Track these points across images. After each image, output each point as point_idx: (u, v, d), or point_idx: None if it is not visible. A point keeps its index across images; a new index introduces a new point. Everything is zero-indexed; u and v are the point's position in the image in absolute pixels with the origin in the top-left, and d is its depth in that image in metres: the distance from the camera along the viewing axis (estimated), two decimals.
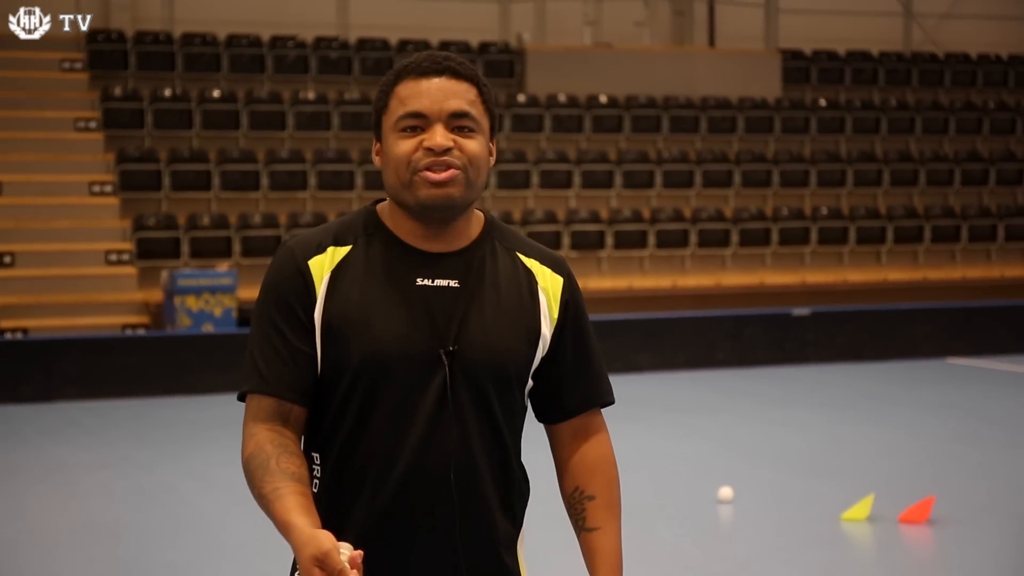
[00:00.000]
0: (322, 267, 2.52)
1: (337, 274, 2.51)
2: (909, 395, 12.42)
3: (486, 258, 2.57)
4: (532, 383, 2.62)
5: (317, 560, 2.22)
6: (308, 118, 16.95)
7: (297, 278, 2.51)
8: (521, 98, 17.96)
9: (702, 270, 17.19)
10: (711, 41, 20.61)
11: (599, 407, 2.68)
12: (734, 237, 17.27)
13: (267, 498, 2.39)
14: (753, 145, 18.81)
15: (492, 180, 16.78)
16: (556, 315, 2.60)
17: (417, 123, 2.48)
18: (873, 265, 18.06)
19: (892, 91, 20.48)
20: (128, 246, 14.92)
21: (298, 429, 2.52)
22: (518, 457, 2.61)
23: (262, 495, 2.41)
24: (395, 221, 2.55)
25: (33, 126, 16.06)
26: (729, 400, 12.21)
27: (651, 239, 16.92)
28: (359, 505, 2.49)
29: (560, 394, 2.64)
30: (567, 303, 2.62)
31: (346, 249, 2.54)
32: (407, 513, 2.48)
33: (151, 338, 13.06)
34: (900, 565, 7.04)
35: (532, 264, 2.62)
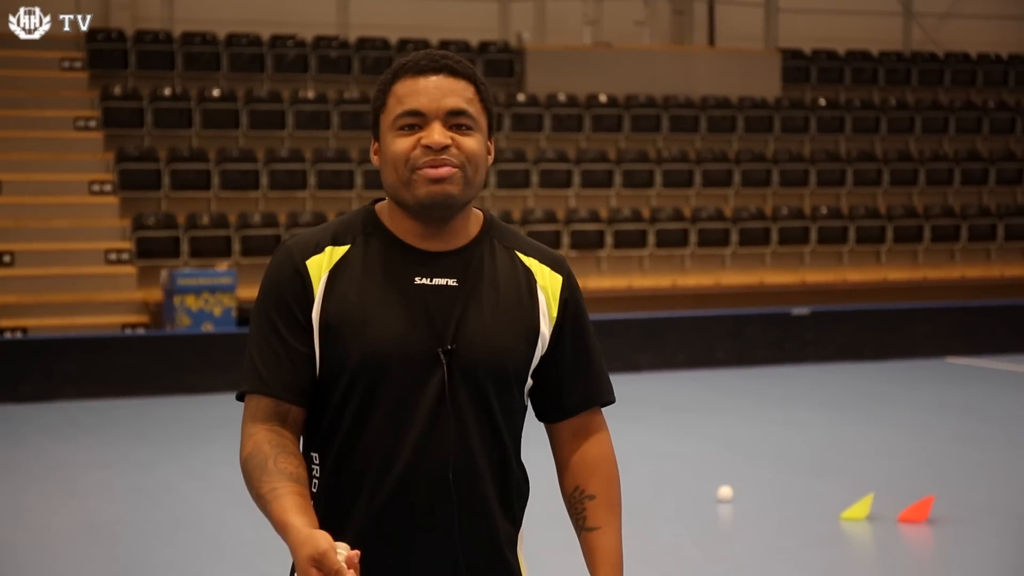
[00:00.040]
0: (320, 267, 2.51)
1: (335, 274, 2.51)
2: (909, 395, 12.42)
3: (485, 257, 2.56)
4: (532, 382, 2.61)
5: (314, 560, 2.23)
6: (308, 117, 16.94)
7: (295, 278, 2.51)
8: (521, 97, 17.95)
9: (702, 269, 17.18)
10: (711, 40, 20.61)
11: (599, 406, 2.67)
12: (734, 236, 17.26)
13: (265, 498, 2.40)
14: (753, 144, 18.81)
15: (492, 179, 16.78)
16: (555, 314, 2.59)
17: (415, 121, 2.48)
18: (873, 265, 18.06)
19: (892, 90, 20.47)
20: (128, 245, 14.91)
21: (296, 429, 2.53)
22: (518, 457, 2.60)
23: (260, 495, 2.41)
24: (394, 220, 2.55)
25: (33, 125, 16.05)
26: (729, 399, 12.20)
27: (651, 238, 16.92)
28: (358, 505, 2.49)
29: (560, 393, 2.63)
30: (566, 301, 2.61)
31: (344, 249, 2.53)
32: (406, 512, 2.48)
33: (150, 337, 13.05)
34: (899, 564, 7.04)
35: (531, 263, 2.61)
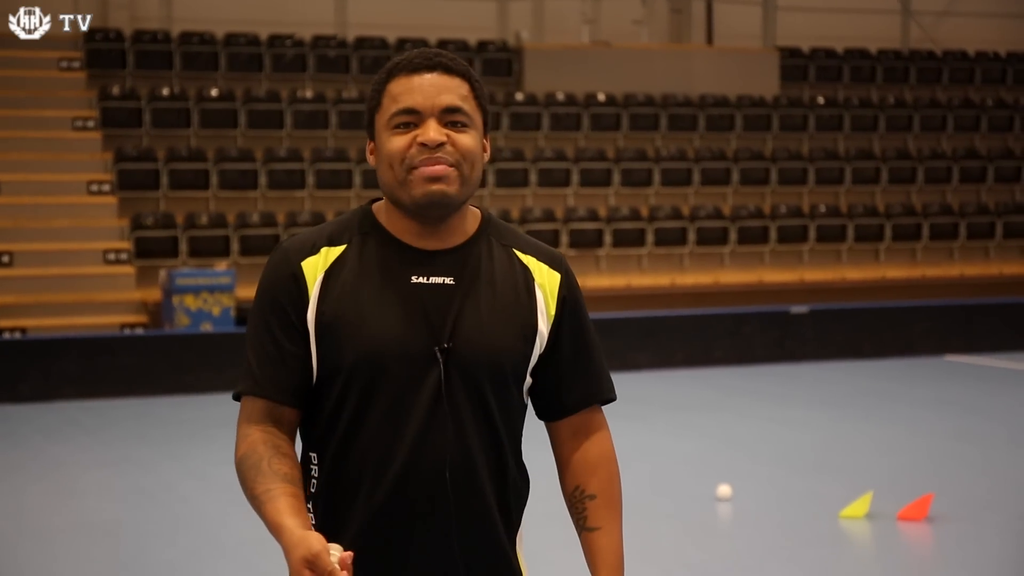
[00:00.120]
0: (315, 268, 2.51)
1: (330, 274, 2.51)
2: (908, 392, 12.42)
3: (482, 255, 2.56)
4: (531, 380, 2.61)
5: (307, 562, 2.23)
6: (306, 117, 16.94)
7: (290, 280, 2.51)
8: (519, 96, 17.94)
9: (700, 268, 17.19)
10: (709, 39, 20.61)
11: (599, 404, 2.66)
12: (732, 235, 17.26)
13: (259, 499, 2.40)
14: (751, 143, 18.81)
15: (490, 178, 16.78)
16: (553, 311, 2.59)
17: (410, 119, 2.48)
18: (871, 263, 18.06)
19: (890, 89, 20.48)
20: (126, 245, 14.91)
21: (290, 431, 2.53)
22: (517, 456, 2.60)
23: (254, 496, 2.41)
24: (390, 219, 2.55)
25: (31, 125, 16.05)
26: (728, 398, 12.21)
27: (649, 237, 16.92)
28: (357, 504, 2.49)
29: (559, 391, 2.62)
30: (564, 299, 2.61)
31: (340, 249, 2.53)
32: (404, 511, 2.48)
33: (149, 337, 13.05)
34: (899, 562, 7.04)
35: (529, 260, 2.61)
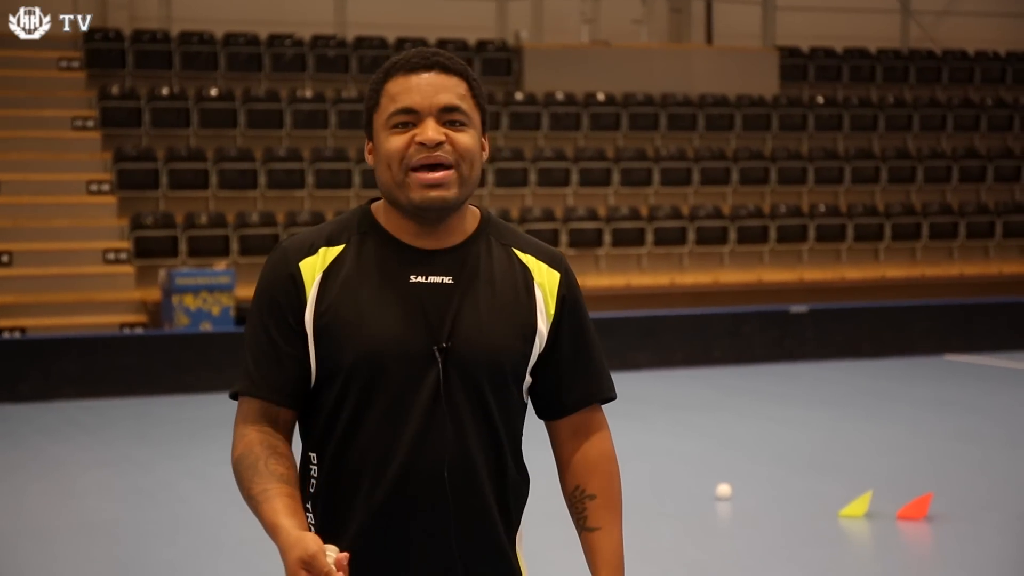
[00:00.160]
0: (313, 269, 2.51)
1: (328, 274, 2.51)
2: (907, 392, 12.42)
3: (481, 254, 2.55)
4: (531, 379, 2.60)
5: (303, 562, 2.23)
6: (306, 116, 16.94)
7: (287, 281, 2.51)
8: (519, 96, 17.93)
9: (700, 267, 17.19)
10: (709, 38, 20.61)
11: (599, 403, 2.66)
12: (732, 234, 17.26)
13: (256, 499, 2.40)
14: (751, 142, 18.81)
15: (489, 178, 16.78)
16: (553, 311, 2.58)
17: (408, 119, 2.48)
18: (871, 262, 18.06)
19: (890, 88, 20.48)
20: (126, 245, 14.91)
21: (287, 431, 2.53)
22: (516, 455, 2.59)
23: (251, 496, 2.42)
24: (389, 219, 2.54)
25: (31, 125, 16.05)
26: (727, 397, 12.21)
27: (649, 237, 16.92)
28: (356, 504, 2.49)
29: (559, 390, 2.62)
30: (564, 298, 2.60)
31: (338, 249, 2.53)
32: (403, 511, 2.48)
33: (149, 337, 13.05)
34: (898, 561, 7.04)
35: (528, 260, 2.60)
